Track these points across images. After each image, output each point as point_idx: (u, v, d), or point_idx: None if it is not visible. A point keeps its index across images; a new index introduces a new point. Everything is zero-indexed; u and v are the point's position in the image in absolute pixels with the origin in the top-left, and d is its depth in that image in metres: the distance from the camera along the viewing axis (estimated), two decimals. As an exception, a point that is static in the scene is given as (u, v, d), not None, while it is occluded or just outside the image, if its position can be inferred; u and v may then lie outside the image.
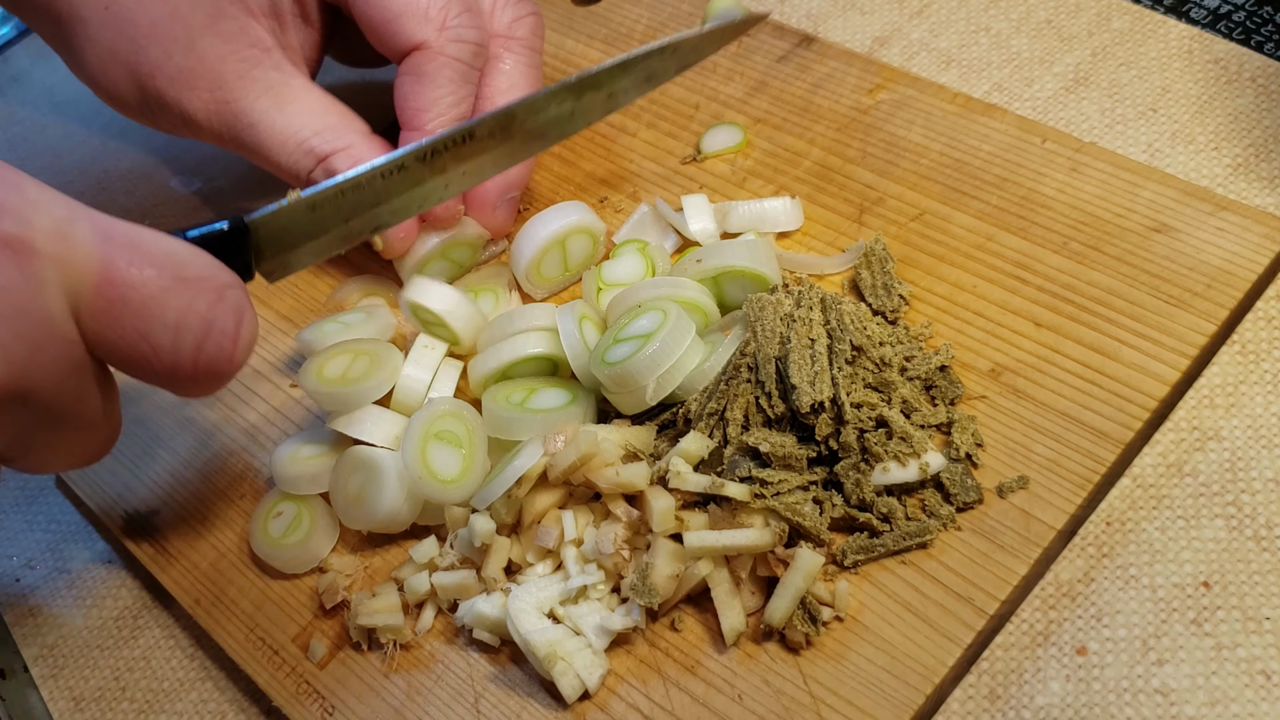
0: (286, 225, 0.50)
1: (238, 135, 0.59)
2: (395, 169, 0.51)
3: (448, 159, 0.53)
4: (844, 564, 0.48)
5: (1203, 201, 0.53)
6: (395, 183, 0.52)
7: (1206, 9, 0.63)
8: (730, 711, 0.46)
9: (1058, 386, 0.50)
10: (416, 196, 0.53)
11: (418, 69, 0.58)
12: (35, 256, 0.38)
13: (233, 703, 0.55)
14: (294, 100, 0.58)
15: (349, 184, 0.51)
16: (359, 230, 0.53)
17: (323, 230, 0.51)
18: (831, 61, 0.64)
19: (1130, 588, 0.47)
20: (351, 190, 0.51)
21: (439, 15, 0.58)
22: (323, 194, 0.50)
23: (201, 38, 0.57)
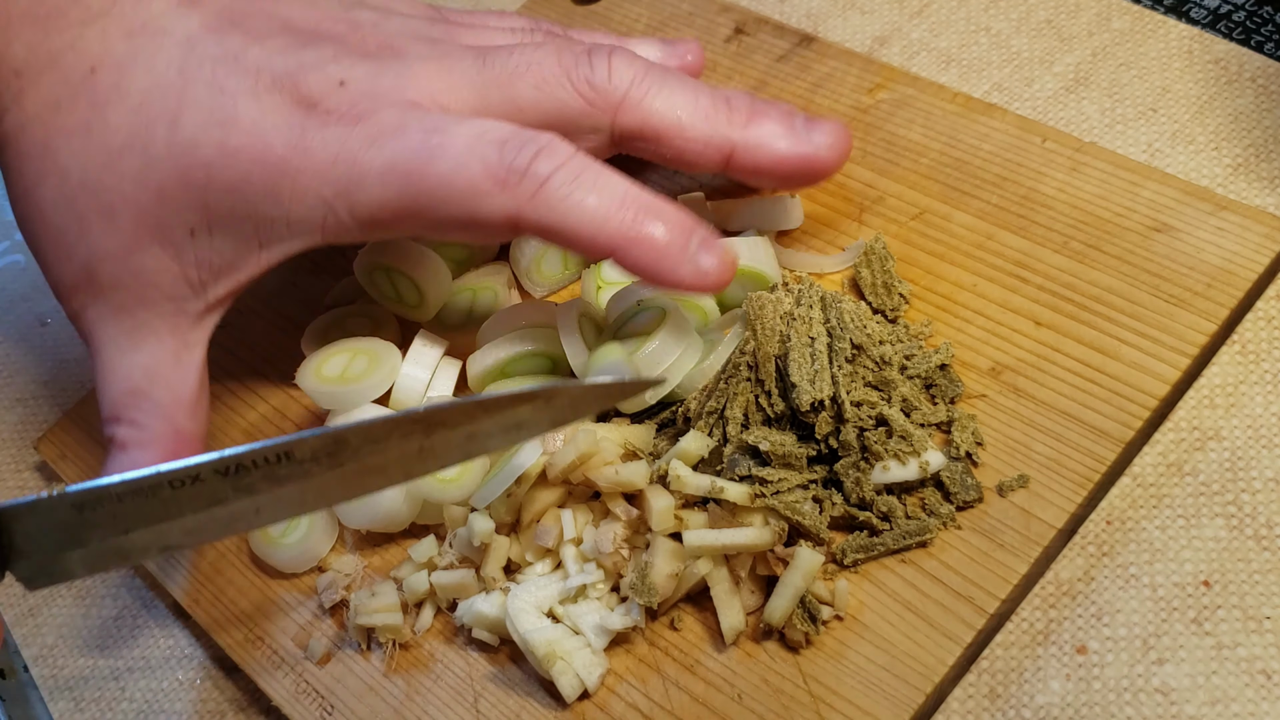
0: (46, 525, 0.42)
1: (87, 346, 0.52)
2: (188, 479, 0.42)
3: (257, 479, 0.43)
4: (844, 563, 0.48)
5: (1203, 201, 0.53)
6: (188, 496, 0.42)
7: (1206, 9, 0.63)
8: (730, 711, 0.46)
9: (1058, 385, 0.50)
10: (219, 516, 0.43)
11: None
12: None
13: (232, 702, 0.55)
14: (148, 352, 0.51)
15: (126, 488, 0.42)
16: (144, 546, 0.43)
17: (94, 538, 0.43)
18: (831, 61, 0.64)
19: (1130, 587, 0.47)
20: (130, 496, 0.42)
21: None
22: (92, 494, 0.42)
23: (103, 263, 0.50)
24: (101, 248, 0.50)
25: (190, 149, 0.49)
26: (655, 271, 0.47)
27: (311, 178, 0.48)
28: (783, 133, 0.52)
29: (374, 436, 0.43)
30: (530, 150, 0.47)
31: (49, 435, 0.65)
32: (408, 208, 0.48)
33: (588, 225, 0.46)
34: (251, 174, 0.48)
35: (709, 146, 0.51)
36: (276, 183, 0.48)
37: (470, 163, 0.46)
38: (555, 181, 0.46)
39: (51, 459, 0.64)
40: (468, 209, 0.47)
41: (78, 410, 0.65)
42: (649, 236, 0.46)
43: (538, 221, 0.47)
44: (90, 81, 0.50)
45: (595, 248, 0.47)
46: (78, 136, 0.50)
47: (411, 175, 0.47)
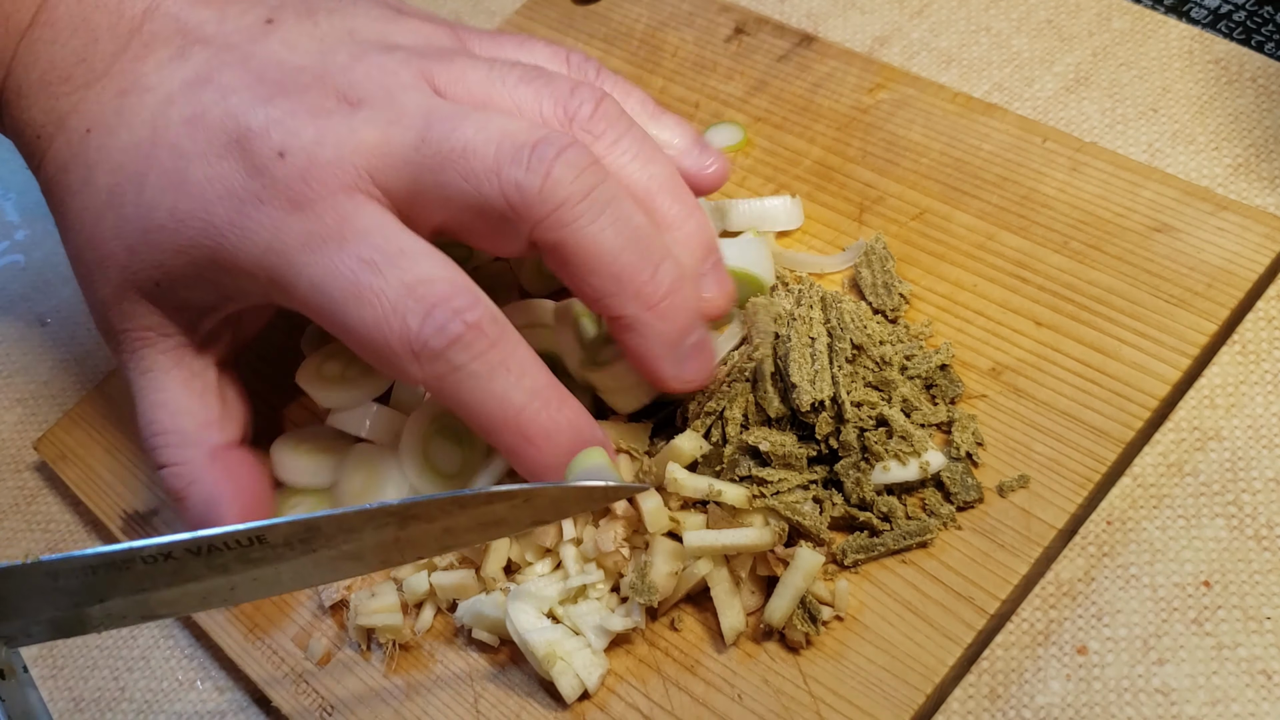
0: (23, 589, 0.43)
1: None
2: (161, 556, 0.43)
3: (231, 559, 0.43)
4: (844, 563, 0.48)
5: (1203, 201, 0.53)
6: (163, 572, 0.43)
7: (1207, 9, 0.63)
8: (730, 711, 0.46)
9: (1058, 385, 0.50)
10: (196, 591, 0.44)
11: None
12: None
13: (232, 703, 0.55)
14: (162, 389, 0.53)
15: (99, 560, 0.43)
16: (121, 614, 0.44)
17: (71, 605, 0.44)
18: (831, 61, 0.64)
19: (1131, 587, 0.47)
20: (104, 569, 0.43)
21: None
22: (66, 564, 0.42)
23: (107, 308, 0.53)
24: (102, 297, 0.53)
25: (150, 210, 0.50)
26: (528, 477, 0.48)
27: (247, 260, 0.48)
28: (665, 343, 0.49)
29: (348, 526, 0.44)
30: (452, 332, 0.45)
31: (49, 435, 0.65)
32: (331, 326, 0.48)
33: (483, 422, 0.47)
34: (197, 241, 0.49)
35: (601, 302, 0.48)
36: (217, 253, 0.49)
37: (390, 324, 0.46)
38: (465, 374, 0.46)
39: (51, 459, 0.64)
40: (381, 359, 0.47)
41: (78, 410, 0.65)
42: (531, 456, 0.47)
43: (440, 396, 0.47)
44: (85, 142, 0.52)
45: (484, 437, 0.48)
46: (77, 195, 0.52)
47: (335, 308, 0.47)
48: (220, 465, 0.53)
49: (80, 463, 0.63)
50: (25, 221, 0.78)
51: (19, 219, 0.78)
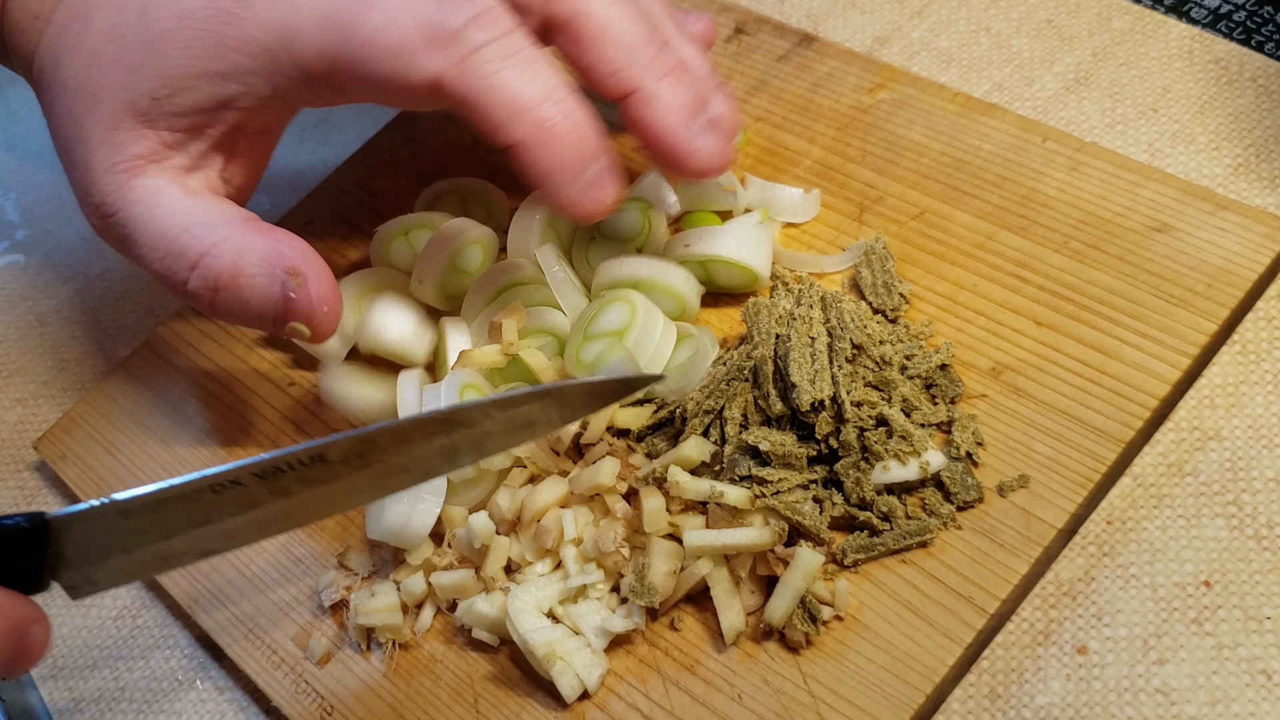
0: (94, 532, 0.43)
1: (124, 250, 0.53)
2: (229, 482, 0.43)
3: (292, 481, 0.44)
4: (844, 563, 0.48)
5: (1203, 201, 0.53)
6: (228, 500, 0.44)
7: (1207, 9, 0.63)
8: (730, 711, 0.46)
9: (1058, 385, 0.50)
10: (255, 520, 0.45)
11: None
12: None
13: (232, 703, 0.55)
14: (166, 201, 0.51)
15: (171, 493, 0.43)
16: (182, 552, 0.45)
17: (138, 545, 0.44)
18: (831, 61, 0.64)
19: (1131, 587, 0.47)
20: (174, 501, 0.43)
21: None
22: (138, 500, 0.43)
23: (94, 152, 0.52)
24: (93, 137, 0.51)
25: (153, 23, 0.50)
26: (542, 182, 0.48)
27: (254, 26, 0.48)
28: (680, 113, 0.50)
29: (401, 436, 0.45)
30: (468, 12, 0.46)
31: (49, 435, 0.65)
32: (341, 59, 0.48)
33: (505, 108, 0.46)
34: (201, 30, 0.49)
35: (615, 75, 0.50)
36: (223, 35, 0.49)
37: (404, 16, 0.46)
38: (487, 53, 0.46)
39: (51, 459, 0.64)
40: (395, 65, 0.47)
41: (78, 410, 0.65)
42: (555, 145, 0.47)
43: (458, 91, 0.46)
44: (86, 1, 0.53)
45: (502, 134, 0.47)
46: (71, 51, 0.53)
47: (346, 24, 0.47)
48: (260, 230, 0.51)
49: (80, 463, 0.63)
50: (25, 221, 0.78)
51: (19, 219, 0.78)
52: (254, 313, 0.50)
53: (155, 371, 0.65)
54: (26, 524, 0.42)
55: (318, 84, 0.49)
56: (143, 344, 0.67)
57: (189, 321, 0.66)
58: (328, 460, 0.44)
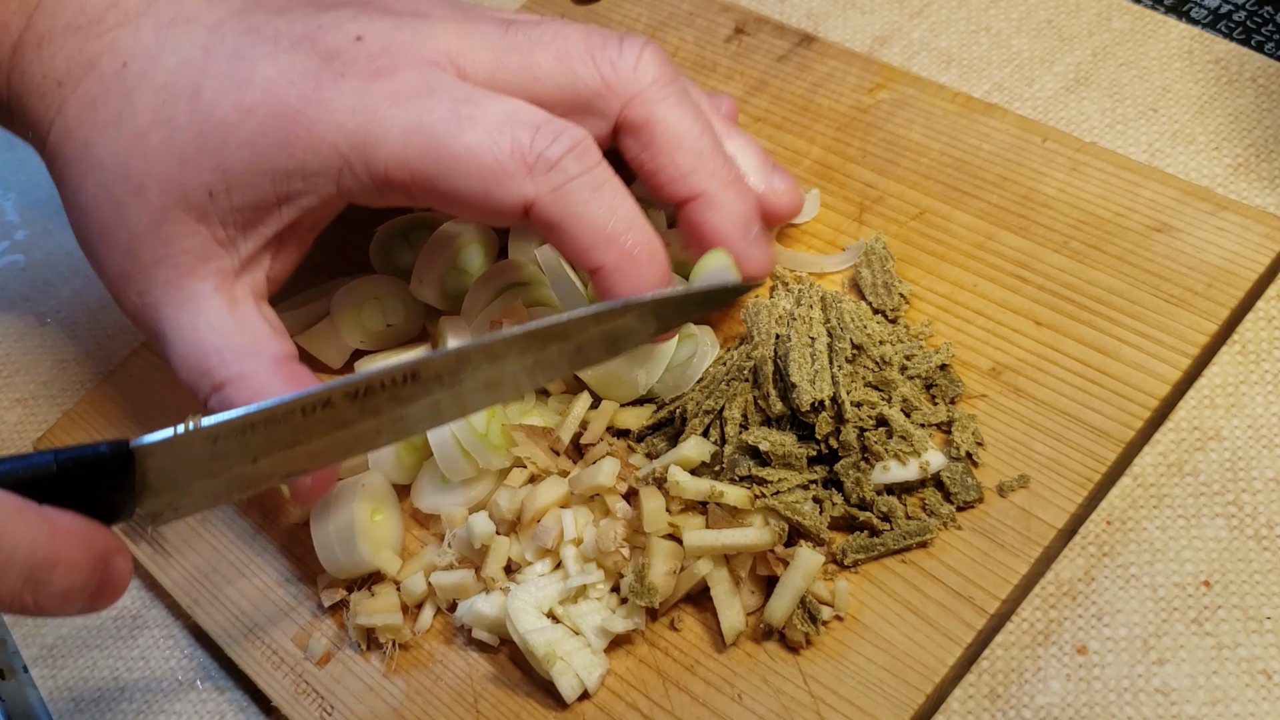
0: (180, 459, 0.42)
1: (157, 345, 0.53)
2: (320, 404, 0.43)
3: (383, 400, 0.44)
4: (844, 563, 0.48)
5: (1203, 201, 0.53)
6: (317, 421, 0.43)
7: (1207, 9, 0.63)
8: (730, 711, 0.46)
9: (1058, 385, 0.50)
10: (342, 439, 0.44)
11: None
12: None
13: (232, 703, 0.55)
14: (207, 313, 0.51)
15: (260, 416, 0.42)
16: (268, 474, 0.44)
17: (224, 469, 0.43)
18: (831, 61, 0.64)
19: (1131, 587, 0.47)
20: (263, 424, 0.43)
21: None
22: (226, 425, 0.42)
23: (141, 242, 0.51)
24: (137, 225, 0.51)
25: (209, 113, 0.49)
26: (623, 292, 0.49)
27: (327, 128, 0.48)
28: (739, 223, 0.52)
29: (494, 353, 0.45)
30: (565, 143, 0.47)
31: (49, 435, 0.65)
32: (425, 173, 0.48)
33: (592, 236, 0.48)
34: (266, 127, 0.49)
35: (684, 180, 0.51)
36: (290, 133, 0.48)
37: (500, 140, 0.47)
38: (579, 183, 0.47)
39: (51, 459, 0.63)
40: (486, 186, 0.47)
41: (78, 410, 0.65)
42: (634, 277, 0.48)
43: (549, 216, 0.48)
44: (122, 75, 0.51)
45: (587, 258, 0.48)
46: (110, 127, 0.51)
47: (436, 140, 0.47)
48: (287, 373, 0.51)
49: (80, 463, 0.63)
50: (25, 221, 0.78)
51: (19, 219, 0.78)
52: None
53: (155, 371, 0.65)
54: (110, 452, 0.41)
55: (390, 190, 0.49)
56: (143, 344, 0.67)
57: (189, 321, 0.66)
58: (420, 378, 0.44)
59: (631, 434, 0.53)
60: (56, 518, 0.39)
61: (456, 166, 0.47)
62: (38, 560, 0.38)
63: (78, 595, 0.40)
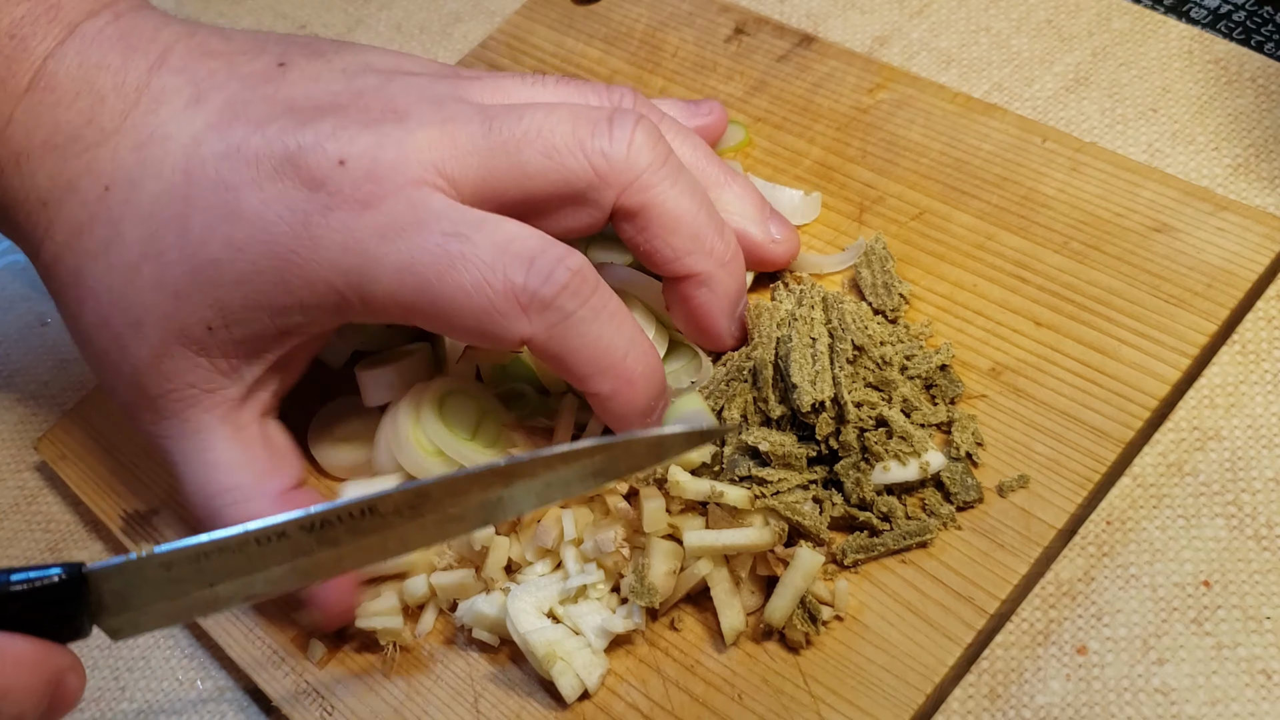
0: (134, 583, 0.43)
1: (171, 471, 0.53)
2: (274, 535, 0.43)
3: (342, 532, 0.44)
4: (844, 563, 0.48)
5: (1203, 201, 0.53)
6: (274, 551, 0.43)
7: (1207, 9, 0.63)
8: (730, 711, 0.46)
9: (1058, 385, 0.50)
10: (302, 567, 0.44)
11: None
12: None
13: (232, 703, 0.55)
14: (214, 449, 0.51)
15: (213, 546, 0.43)
16: (228, 598, 0.44)
17: (181, 593, 0.43)
18: (831, 61, 0.64)
19: (1131, 587, 0.47)
20: (217, 553, 0.43)
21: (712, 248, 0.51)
22: (179, 553, 0.42)
23: (142, 375, 0.51)
24: (139, 359, 0.51)
25: (199, 248, 0.49)
26: (616, 425, 0.50)
27: (320, 267, 0.48)
28: (729, 302, 0.52)
29: (456, 489, 0.44)
30: (560, 279, 0.46)
31: (49, 435, 0.65)
32: (422, 311, 0.47)
33: (593, 365, 0.48)
34: (260, 265, 0.48)
35: (679, 260, 0.51)
36: (285, 272, 0.48)
37: (493, 280, 0.46)
38: (576, 319, 0.47)
39: (51, 459, 0.64)
40: (482, 325, 0.47)
41: (78, 410, 0.65)
42: (634, 394, 0.49)
43: (549, 350, 0.47)
44: (105, 200, 0.50)
45: (585, 385, 0.48)
46: (100, 257, 0.50)
47: (428, 281, 0.46)
48: (290, 506, 0.50)
49: (80, 463, 0.63)
50: (25, 221, 0.78)
51: (19, 219, 0.78)
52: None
53: (155, 371, 0.65)
54: (64, 576, 0.41)
55: (384, 317, 0.49)
56: (143, 344, 0.67)
57: (189, 321, 0.66)
58: (379, 512, 0.43)
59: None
60: (7, 646, 0.39)
61: (451, 308, 0.47)
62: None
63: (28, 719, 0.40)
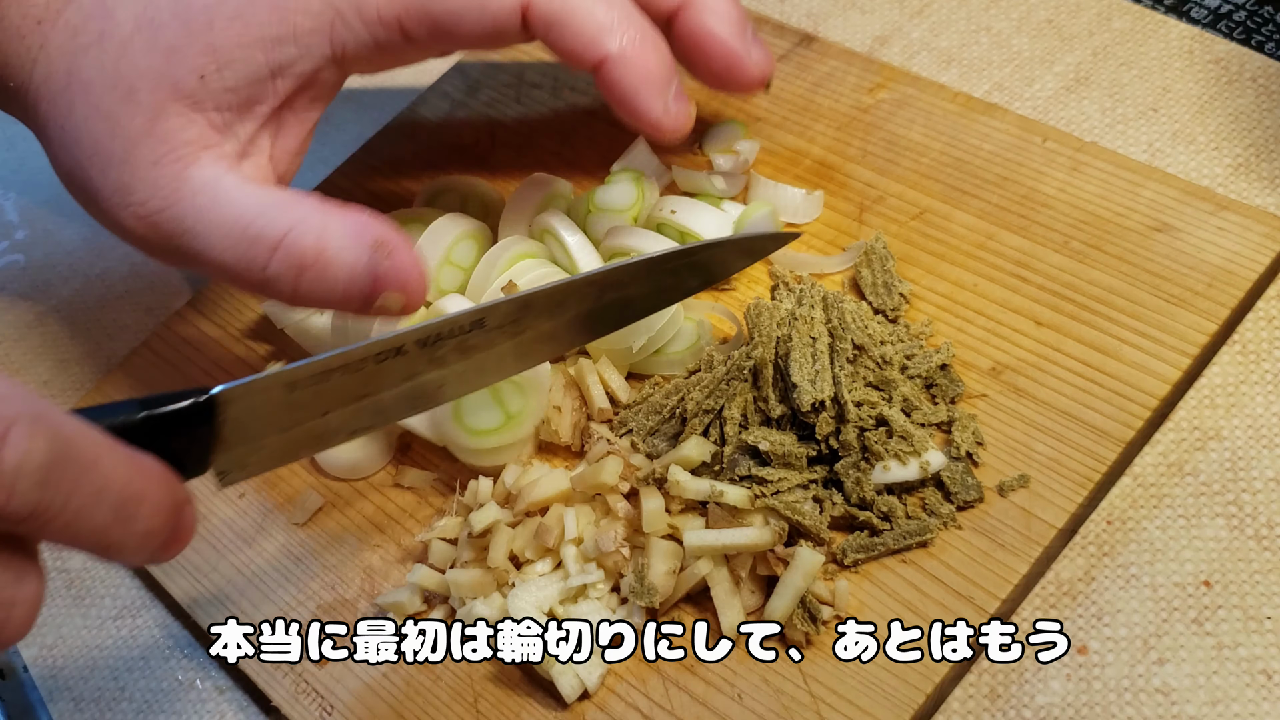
0: (257, 406, 0.43)
1: (179, 246, 0.50)
2: (393, 350, 0.44)
3: (450, 349, 0.45)
4: (844, 563, 0.48)
5: (1203, 201, 0.53)
6: (388, 370, 0.44)
7: (1207, 9, 0.63)
8: (730, 711, 0.46)
9: (1058, 385, 0.50)
10: (407, 393, 0.46)
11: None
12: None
13: (232, 703, 0.55)
14: (228, 190, 0.50)
15: (337, 362, 0.43)
16: (335, 429, 0.45)
17: (296, 422, 0.44)
18: (832, 60, 0.64)
19: (1131, 587, 0.47)
20: (339, 371, 0.44)
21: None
22: (303, 370, 0.43)
23: (137, 146, 0.50)
24: (131, 130, 0.50)
25: (193, 1, 0.50)
26: (633, 95, 0.50)
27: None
28: (735, 25, 0.53)
29: (556, 299, 0.47)
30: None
31: (49, 435, 0.64)
32: (417, 2, 0.48)
33: (593, 28, 0.49)
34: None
35: (585, 50, 0.50)
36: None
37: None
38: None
39: (51, 459, 0.63)
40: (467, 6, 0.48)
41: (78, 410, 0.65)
42: (642, 61, 0.49)
43: (547, 13, 0.48)
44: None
45: (589, 52, 0.49)
46: (94, 47, 0.51)
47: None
48: (337, 203, 0.50)
49: (80, 462, 0.63)
50: (25, 221, 0.78)
51: (19, 219, 0.78)
52: (341, 290, 0.48)
53: (155, 371, 0.65)
54: (194, 400, 0.41)
55: (386, 35, 0.49)
56: (143, 344, 0.67)
57: (189, 321, 0.66)
58: (486, 326, 0.46)
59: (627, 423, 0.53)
60: (143, 458, 0.39)
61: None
62: (128, 495, 0.38)
63: (156, 537, 0.39)
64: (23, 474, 0.35)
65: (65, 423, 0.37)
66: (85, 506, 0.37)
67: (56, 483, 0.36)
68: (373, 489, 0.57)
